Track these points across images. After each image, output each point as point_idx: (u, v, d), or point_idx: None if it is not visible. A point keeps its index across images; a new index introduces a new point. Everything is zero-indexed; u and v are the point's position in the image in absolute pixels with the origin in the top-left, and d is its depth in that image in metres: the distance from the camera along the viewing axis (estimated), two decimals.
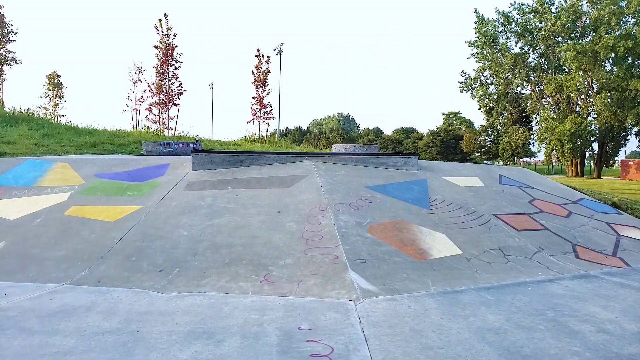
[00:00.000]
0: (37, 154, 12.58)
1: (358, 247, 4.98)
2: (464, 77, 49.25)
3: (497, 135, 54.98)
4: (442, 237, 5.59)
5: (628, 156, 59.24)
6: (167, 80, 34.19)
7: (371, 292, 4.05)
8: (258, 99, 35.83)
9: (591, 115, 41.02)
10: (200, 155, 8.19)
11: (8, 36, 35.55)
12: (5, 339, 3.00)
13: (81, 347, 2.87)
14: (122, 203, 6.46)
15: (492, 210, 6.89)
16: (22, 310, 3.61)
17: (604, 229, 6.89)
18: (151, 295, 4.02)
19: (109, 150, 17.50)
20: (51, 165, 8.30)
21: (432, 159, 56.39)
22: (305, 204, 6.11)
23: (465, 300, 3.95)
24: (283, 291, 4.09)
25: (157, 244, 5.16)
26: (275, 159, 8.37)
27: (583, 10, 39.88)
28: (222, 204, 6.25)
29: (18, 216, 6.10)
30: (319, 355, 2.79)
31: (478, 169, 10.11)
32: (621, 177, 37.33)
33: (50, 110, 41.58)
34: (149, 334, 3.10)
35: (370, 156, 8.99)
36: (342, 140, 66.63)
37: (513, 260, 5.24)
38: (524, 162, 60.91)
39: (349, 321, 3.36)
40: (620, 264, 5.53)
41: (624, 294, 4.29)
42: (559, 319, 3.52)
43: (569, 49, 36.65)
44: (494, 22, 44.43)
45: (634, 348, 2.99)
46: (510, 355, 2.82)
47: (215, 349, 2.86)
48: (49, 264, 4.82)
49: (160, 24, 33.38)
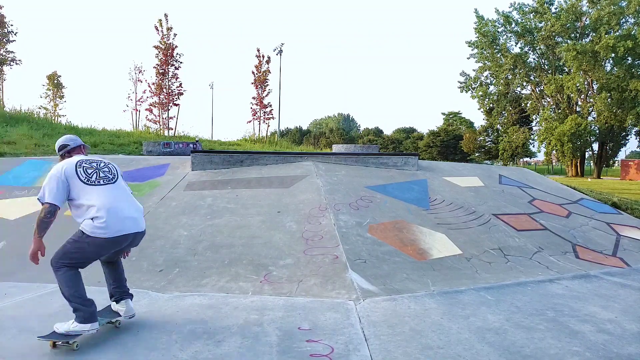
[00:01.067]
0: (37, 154, 12.58)
1: (358, 247, 4.98)
2: (464, 77, 49.25)
3: (497, 135, 54.99)
4: (442, 237, 5.59)
5: (628, 156, 59.25)
6: (167, 80, 34.23)
7: (371, 292, 4.05)
8: (258, 99, 35.84)
9: (591, 115, 41.03)
10: (200, 155, 8.19)
11: (8, 36, 35.56)
12: (5, 339, 3.00)
13: (81, 347, 2.87)
14: None
15: (492, 210, 6.89)
16: (22, 310, 3.62)
17: (604, 229, 6.89)
18: (151, 295, 4.02)
19: (109, 151, 17.50)
20: (51, 165, 8.30)
21: (432, 159, 56.41)
22: (305, 204, 6.11)
23: (465, 300, 3.95)
24: (283, 291, 4.09)
25: (157, 244, 5.16)
26: (275, 159, 8.37)
27: (583, 10, 39.87)
28: (222, 204, 6.25)
29: (18, 216, 6.10)
30: (319, 355, 2.79)
31: (478, 169, 10.12)
32: (621, 177, 37.35)
33: (50, 110, 41.60)
34: (149, 334, 3.10)
35: (371, 156, 8.99)
36: (342, 140, 66.64)
37: (513, 260, 5.24)
38: (524, 162, 60.91)
39: (349, 321, 3.36)
40: (620, 264, 5.53)
41: (624, 294, 4.29)
42: (559, 319, 3.53)
43: (569, 49, 36.66)
44: (494, 22, 44.43)
45: (634, 348, 3.00)
46: (510, 355, 2.83)
47: (215, 348, 2.87)
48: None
49: (160, 24, 33.41)
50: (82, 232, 2.97)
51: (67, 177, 3.01)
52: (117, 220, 2.99)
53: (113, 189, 3.13)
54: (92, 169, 3.15)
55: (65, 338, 2.87)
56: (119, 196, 3.13)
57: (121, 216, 3.03)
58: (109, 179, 3.17)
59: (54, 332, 2.92)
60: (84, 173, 3.09)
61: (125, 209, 3.10)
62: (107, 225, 2.94)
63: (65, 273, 3.04)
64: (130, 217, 3.10)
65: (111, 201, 3.03)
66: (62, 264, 3.06)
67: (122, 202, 3.12)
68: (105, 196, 3.03)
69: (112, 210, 2.99)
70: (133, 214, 3.14)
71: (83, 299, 2.96)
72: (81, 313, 2.92)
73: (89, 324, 2.92)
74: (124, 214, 3.06)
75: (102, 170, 3.19)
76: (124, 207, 3.10)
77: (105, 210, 2.95)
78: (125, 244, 3.12)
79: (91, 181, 3.08)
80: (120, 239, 3.03)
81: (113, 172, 3.25)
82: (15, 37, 36.13)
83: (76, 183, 3.02)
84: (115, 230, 2.97)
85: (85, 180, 3.06)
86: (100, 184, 3.09)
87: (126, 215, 3.07)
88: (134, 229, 3.12)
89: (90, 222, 2.94)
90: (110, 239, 2.96)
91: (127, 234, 3.06)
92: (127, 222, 3.06)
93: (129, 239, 3.11)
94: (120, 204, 3.08)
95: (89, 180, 3.08)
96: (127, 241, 3.12)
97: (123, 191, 3.22)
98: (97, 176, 3.13)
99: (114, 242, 3.00)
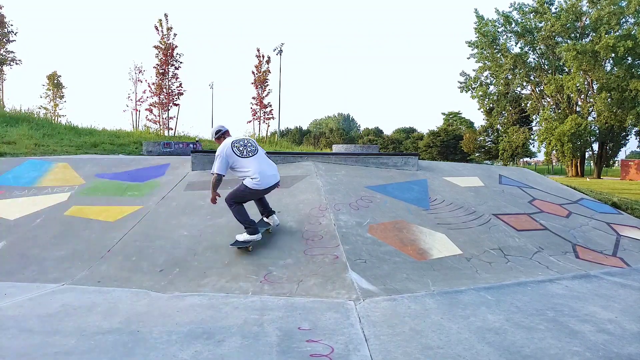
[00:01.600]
0: (37, 154, 12.58)
1: (358, 247, 4.98)
2: (464, 77, 49.25)
3: (497, 135, 55.00)
4: (442, 237, 5.59)
5: (628, 156, 59.26)
6: (167, 80, 34.20)
7: (371, 292, 4.05)
8: (258, 99, 35.81)
9: (591, 115, 41.03)
10: (200, 155, 8.19)
11: (8, 36, 35.58)
12: (5, 339, 3.00)
13: (81, 347, 2.87)
14: (122, 203, 6.46)
15: (492, 210, 6.89)
16: (22, 310, 3.61)
17: (604, 229, 6.89)
18: (151, 295, 4.02)
19: (109, 151, 17.49)
20: (51, 165, 8.30)
21: (432, 159, 56.42)
22: (305, 204, 6.11)
23: (466, 300, 3.95)
24: (283, 291, 4.09)
25: (157, 244, 5.16)
26: (275, 159, 8.35)
27: (583, 10, 39.87)
28: (223, 204, 6.24)
29: (18, 216, 6.10)
30: (319, 355, 2.79)
31: (478, 169, 10.11)
32: (621, 177, 37.35)
33: (50, 110, 41.61)
34: (149, 334, 3.10)
35: (371, 156, 8.98)
36: (342, 140, 66.65)
37: (513, 260, 5.24)
38: (524, 162, 60.94)
39: (349, 321, 3.36)
40: (620, 264, 5.53)
41: (624, 294, 4.29)
42: (559, 319, 3.53)
43: (569, 49, 36.66)
44: (494, 22, 44.43)
45: (634, 348, 3.00)
46: (511, 355, 2.83)
47: (215, 348, 2.87)
48: (49, 264, 4.83)
49: (160, 24, 33.37)
50: (245, 185, 4.86)
51: (227, 156, 4.83)
52: (265, 178, 4.87)
53: (258, 158, 4.97)
54: (242, 147, 4.95)
55: (244, 244, 4.83)
56: (262, 163, 4.99)
57: (267, 174, 4.91)
58: (254, 151, 4.99)
59: (236, 241, 4.86)
60: (237, 150, 4.88)
61: (268, 170, 4.97)
62: (261, 182, 4.85)
63: (236, 207, 4.93)
64: (272, 175, 4.99)
65: (259, 166, 4.89)
66: (233, 202, 4.93)
67: (265, 165, 4.98)
68: (256, 164, 4.89)
69: (262, 172, 4.87)
70: (273, 172, 5.03)
71: (249, 222, 4.91)
72: (250, 229, 4.85)
73: (255, 235, 4.85)
74: (268, 173, 4.93)
75: (247, 146, 4.98)
76: (267, 169, 4.97)
77: (258, 173, 4.83)
78: (269, 190, 5.01)
79: (243, 155, 4.90)
80: (267, 189, 4.98)
81: (255, 147, 5.06)
82: (15, 37, 36.17)
83: (234, 158, 4.85)
84: (265, 184, 4.89)
85: (239, 154, 4.88)
86: (250, 156, 4.92)
87: (269, 174, 4.95)
88: (274, 181, 5.02)
89: (250, 180, 4.82)
90: (262, 190, 4.93)
91: (271, 185, 4.98)
92: (270, 178, 4.95)
93: (271, 187, 5.01)
94: (265, 167, 4.95)
95: (242, 154, 4.89)
96: (271, 189, 5.02)
97: (264, 159, 5.08)
98: (247, 151, 4.94)
99: (264, 190, 4.96)
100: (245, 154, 4.89)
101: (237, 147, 4.89)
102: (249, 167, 4.81)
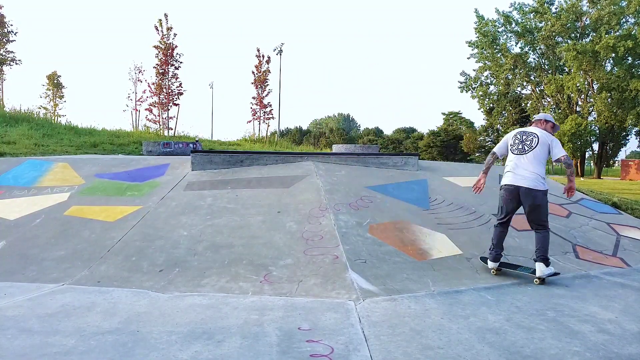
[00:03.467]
0: (37, 154, 12.58)
1: (358, 247, 4.97)
2: (464, 77, 49.26)
3: (498, 135, 54.97)
4: (443, 237, 5.59)
5: (628, 156, 59.23)
6: (167, 80, 34.22)
7: (371, 292, 4.04)
8: (258, 99, 35.84)
9: (591, 115, 41.01)
10: (200, 155, 8.19)
11: (8, 36, 35.60)
12: (5, 339, 3.00)
13: (81, 347, 2.87)
14: (122, 203, 6.46)
15: (492, 210, 6.88)
16: (22, 310, 3.61)
17: (604, 229, 6.89)
18: (151, 295, 4.02)
19: (109, 150, 17.50)
20: (51, 165, 8.30)
21: (432, 159, 56.41)
22: (305, 204, 6.11)
23: (466, 300, 3.94)
24: (283, 291, 4.09)
25: (157, 244, 5.16)
26: (275, 159, 8.36)
27: (583, 10, 39.87)
28: (222, 204, 6.25)
29: (18, 216, 6.09)
30: (319, 355, 2.79)
31: (478, 169, 10.10)
32: (621, 177, 37.35)
33: (50, 110, 41.62)
34: (149, 334, 3.10)
35: (371, 156, 8.98)
36: (342, 140, 66.66)
37: (513, 260, 5.24)
38: None
39: (349, 321, 3.36)
40: (620, 264, 5.53)
41: (624, 294, 4.28)
42: (559, 319, 3.52)
43: (569, 49, 36.66)
44: (494, 22, 44.43)
45: (634, 348, 2.99)
46: (511, 356, 2.82)
47: (215, 349, 2.86)
48: (49, 264, 4.82)
49: (160, 24, 33.40)
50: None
51: (506, 141, 4.78)
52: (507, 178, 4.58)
53: (520, 158, 4.51)
54: (519, 141, 4.59)
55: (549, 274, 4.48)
56: (520, 164, 4.50)
57: (517, 175, 4.50)
58: (524, 150, 4.52)
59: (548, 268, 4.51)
60: (512, 142, 4.63)
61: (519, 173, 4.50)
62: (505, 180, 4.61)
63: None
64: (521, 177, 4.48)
65: (511, 166, 4.56)
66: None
67: (518, 169, 4.51)
68: (511, 163, 4.56)
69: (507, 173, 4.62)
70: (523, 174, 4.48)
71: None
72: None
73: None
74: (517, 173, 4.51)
75: (524, 142, 4.54)
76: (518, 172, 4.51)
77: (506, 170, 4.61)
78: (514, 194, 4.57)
79: (512, 149, 4.63)
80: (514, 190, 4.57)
81: (531, 146, 4.48)
82: (15, 37, 36.19)
83: (508, 147, 4.74)
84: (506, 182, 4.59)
85: (510, 147, 4.68)
86: (514, 153, 4.57)
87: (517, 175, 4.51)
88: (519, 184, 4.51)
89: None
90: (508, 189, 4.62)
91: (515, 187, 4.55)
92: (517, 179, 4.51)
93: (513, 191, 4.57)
94: (517, 170, 4.51)
95: (511, 148, 4.65)
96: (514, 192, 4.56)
97: (525, 161, 4.48)
98: (518, 147, 4.56)
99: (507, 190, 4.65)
100: (514, 149, 4.64)
101: (515, 138, 4.69)
102: (508, 162, 4.77)
